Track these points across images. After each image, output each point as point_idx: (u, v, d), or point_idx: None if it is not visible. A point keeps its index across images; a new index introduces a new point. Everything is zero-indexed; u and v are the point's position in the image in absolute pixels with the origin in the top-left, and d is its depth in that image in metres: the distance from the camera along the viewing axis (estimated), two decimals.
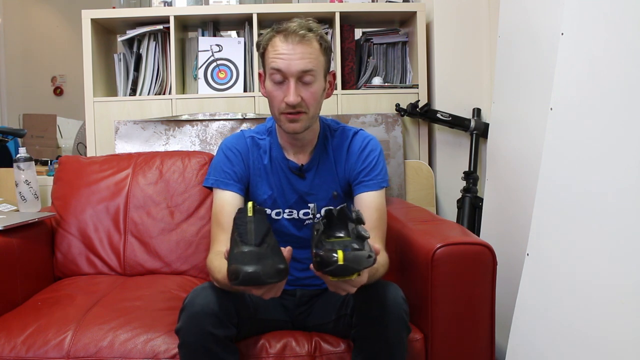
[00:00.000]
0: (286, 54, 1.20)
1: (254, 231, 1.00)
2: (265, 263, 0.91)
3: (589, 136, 1.28)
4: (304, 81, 1.22)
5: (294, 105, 1.21)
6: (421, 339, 1.28)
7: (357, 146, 1.35)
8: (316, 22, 1.25)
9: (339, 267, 0.89)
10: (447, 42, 2.29)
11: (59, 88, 5.41)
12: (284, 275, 0.94)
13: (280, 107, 1.23)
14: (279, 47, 1.21)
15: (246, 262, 0.91)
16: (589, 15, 1.29)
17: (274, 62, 1.21)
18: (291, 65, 1.20)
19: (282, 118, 1.25)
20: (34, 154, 2.46)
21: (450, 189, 2.28)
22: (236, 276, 0.90)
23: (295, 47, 1.20)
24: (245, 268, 0.90)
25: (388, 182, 1.36)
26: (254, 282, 0.90)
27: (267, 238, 1.01)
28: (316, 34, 1.23)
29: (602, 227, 1.23)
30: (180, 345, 1.12)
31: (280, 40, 1.21)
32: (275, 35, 1.23)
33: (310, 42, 1.21)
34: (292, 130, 1.26)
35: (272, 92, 1.24)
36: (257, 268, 0.89)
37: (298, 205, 1.35)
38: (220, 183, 1.31)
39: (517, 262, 1.47)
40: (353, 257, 0.90)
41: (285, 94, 1.21)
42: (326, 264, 0.90)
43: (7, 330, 1.28)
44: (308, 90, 1.23)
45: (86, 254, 1.74)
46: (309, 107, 1.24)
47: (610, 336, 1.19)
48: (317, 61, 1.23)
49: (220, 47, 2.28)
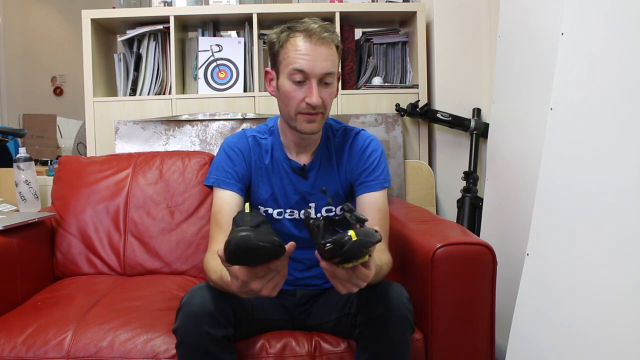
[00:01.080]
0: (310, 54, 1.19)
1: (250, 220, 1.01)
2: (259, 232, 0.91)
3: (589, 136, 1.28)
4: (324, 82, 1.22)
5: (316, 105, 1.21)
6: (421, 338, 1.28)
7: (359, 146, 1.35)
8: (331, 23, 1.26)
9: (354, 244, 0.89)
10: (447, 42, 2.29)
11: (59, 88, 5.41)
12: (278, 246, 0.91)
13: (299, 107, 1.23)
14: (301, 47, 1.20)
15: (239, 232, 0.90)
16: (589, 15, 1.29)
17: (297, 62, 1.20)
18: (315, 67, 1.20)
19: (299, 118, 1.24)
20: (34, 154, 2.46)
21: (450, 189, 2.28)
22: (228, 244, 0.89)
23: (318, 48, 1.20)
24: (237, 234, 0.89)
25: (390, 182, 1.36)
26: (246, 245, 0.89)
27: (263, 225, 1.01)
28: (335, 36, 1.24)
29: (602, 227, 1.23)
30: (177, 345, 1.12)
31: (303, 39, 1.20)
32: (296, 34, 1.22)
33: (330, 44, 1.22)
34: (309, 131, 1.26)
35: (290, 92, 1.23)
36: (248, 233, 0.89)
37: (299, 205, 1.35)
38: (221, 182, 1.31)
39: (517, 262, 1.47)
40: (364, 232, 0.90)
41: (306, 94, 1.21)
42: (341, 245, 0.89)
43: (7, 330, 1.28)
44: (327, 92, 1.24)
45: (86, 254, 1.74)
46: (327, 107, 1.25)
47: (610, 336, 1.19)
48: (336, 63, 1.24)
49: (220, 47, 2.28)
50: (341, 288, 0.98)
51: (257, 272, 0.94)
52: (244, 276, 0.95)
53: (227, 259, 0.91)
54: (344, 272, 0.95)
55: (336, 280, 0.98)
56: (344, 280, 0.97)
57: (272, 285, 0.97)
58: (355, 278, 0.97)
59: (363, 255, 0.93)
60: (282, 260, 0.94)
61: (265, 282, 0.96)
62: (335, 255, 0.91)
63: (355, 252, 0.91)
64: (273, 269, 0.95)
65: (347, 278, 0.96)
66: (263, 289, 0.96)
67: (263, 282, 0.96)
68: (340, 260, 0.93)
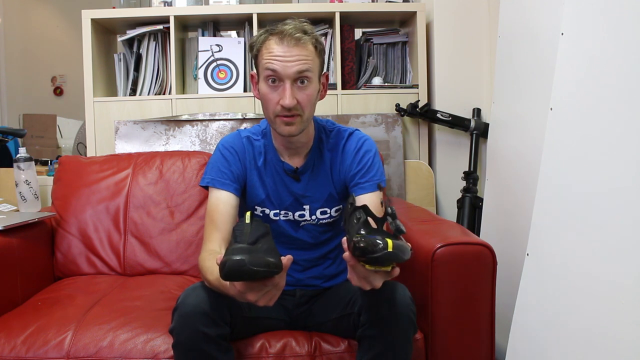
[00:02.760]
0: (282, 56, 1.19)
1: (249, 233, 1.01)
2: (254, 255, 0.91)
3: (589, 136, 1.28)
4: (299, 83, 1.21)
5: (290, 107, 1.20)
6: (421, 338, 1.28)
7: (352, 147, 1.35)
8: (310, 24, 1.25)
9: (387, 254, 0.89)
10: (447, 42, 2.29)
11: (59, 88, 5.40)
12: (273, 268, 0.92)
13: (275, 110, 1.23)
14: (274, 49, 1.20)
15: (234, 253, 0.91)
16: (589, 15, 1.29)
17: (270, 63, 1.20)
18: (287, 67, 1.19)
19: (277, 121, 1.24)
20: (34, 154, 2.46)
21: (450, 189, 2.28)
22: (223, 265, 0.90)
23: (291, 49, 1.19)
24: (232, 257, 0.90)
25: (385, 182, 1.35)
26: (239, 270, 0.89)
27: (262, 239, 1.01)
28: (311, 36, 1.22)
29: (602, 227, 1.23)
30: (174, 345, 1.12)
31: (276, 42, 1.20)
32: (270, 37, 1.22)
33: (305, 44, 1.21)
34: (287, 133, 1.25)
35: (266, 95, 1.23)
36: (243, 257, 0.89)
37: (293, 207, 1.35)
38: (217, 182, 1.30)
39: (517, 262, 1.47)
40: (400, 246, 0.90)
41: (280, 96, 1.21)
42: (372, 250, 0.89)
43: (7, 330, 1.28)
44: (303, 93, 1.22)
45: (86, 254, 1.74)
46: (304, 109, 1.23)
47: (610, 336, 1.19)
48: (313, 63, 1.22)
49: (220, 47, 2.28)
50: (355, 281, 0.99)
51: (253, 286, 0.96)
52: (240, 287, 0.97)
53: (222, 278, 0.93)
54: (364, 270, 0.95)
55: (353, 273, 0.98)
56: (361, 276, 0.97)
57: (268, 297, 0.99)
58: (373, 278, 0.97)
59: (389, 264, 0.93)
60: (278, 276, 0.96)
61: (261, 295, 0.98)
62: (364, 254, 0.91)
63: (383, 262, 0.91)
64: (270, 285, 0.97)
65: (365, 276, 0.97)
66: (259, 300, 0.98)
67: (259, 295, 0.98)
68: (365, 260, 0.93)
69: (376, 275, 0.97)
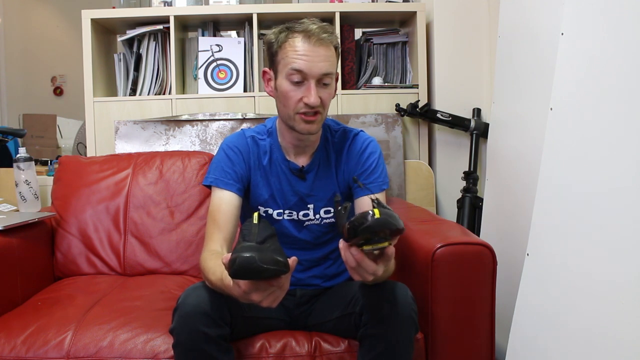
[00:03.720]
0: (309, 55, 1.20)
1: (257, 233, 1.01)
2: (264, 253, 0.92)
3: (589, 136, 1.28)
4: (323, 83, 1.23)
5: (314, 106, 1.21)
6: (421, 338, 1.28)
7: (357, 148, 1.35)
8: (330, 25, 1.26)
9: (376, 220, 0.89)
10: (447, 42, 2.29)
11: (59, 88, 5.40)
12: (281, 267, 0.92)
13: (297, 107, 1.23)
14: (300, 48, 1.20)
15: (244, 251, 0.91)
16: (589, 15, 1.29)
17: (295, 62, 1.20)
18: (313, 68, 1.20)
19: (297, 118, 1.24)
20: (34, 154, 2.46)
21: (450, 189, 2.28)
22: (233, 262, 0.90)
23: (317, 49, 1.20)
24: (242, 255, 0.90)
25: (388, 184, 1.36)
26: (249, 268, 0.90)
27: (270, 240, 1.01)
28: (334, 37, 1.24)
29: (602, 227, 1.23)
30: (174, 345, 1.12)
31: (302, 40, 1.21)
32: (295, 35, 1.22)
33: (329, 45, 1.22)
34: (307, 131, 1.25)
35: (289, 92, 1.23)
36: (253, 254, 0.90)
37: (298, 206, 1.35)
38: (220, 182, 1.30)
39: (517, 262, 1.47)
40: (389, 213, 0.91)
41: (304, 94, 1.21)
42: (362, 222, 0.90)
43: (7, 330, 1.28)
44: (326, 92, 1.24)
45: (86, 254, 1.74)
46: (325, 108, 1.25)
47: (610, 336, 1.19)
48: (334, 64, 1.24)
49: (220, 47, 2.28)
50: (357, 276, 0.99)
51: (259, 286, 0.96)
52: (245, 287, 0.96)
53: (231, 275, 0.92)
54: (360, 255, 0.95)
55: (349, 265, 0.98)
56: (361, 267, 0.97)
57: (272, 298, 0.98)
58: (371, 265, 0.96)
59: (383, 240, 0.93)
60: (285, 277, 0.96)
61: (266, 295, 0.97)
62: (357, 231, 0.91)
63: (375, 230, 0.90)
64: (275, 285, 0.96)
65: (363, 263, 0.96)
66: (263, 301, 0.98)
67: (264, 295, 0.97)
68: (361, 240, 0.93)
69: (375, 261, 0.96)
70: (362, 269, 0.97)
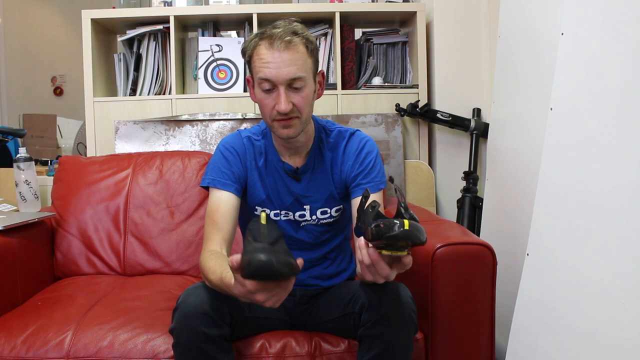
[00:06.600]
0: (273, 62, 1.17)
1: (267, 234, 1.01)
2: (278, 255, 0.92)
3: (589, 136, 1.28)
4: (294, 87, 1.20)
5: (285, 113, 1.20)
6: (421, 338, 1.28)
7: (354, 148, 1.34)
8: (300, 23, 1.23)
9: (404, 232, 0.91)
10: (447, 42, 2.29)
11: (59, 88, 5.40)
12: (294, 270, 0.93)
13: (272, 115, 1.22)
14: (264, 56, 1.18)
15: (259, 252, 0.91)
16: (589, 15, 1.29)
17: (262, 71, 1.19)
18: (279, 74, 1.18)
19: (274, 125, 1.24)
20: (34, 154, 2.46)
21: (450, 189, 2.28)
22: (249, 264, 0.90)
23: (281, 54, 1.17)
24: (258, 256, 0.90)
25: (386, 183, 1.35)
26: (267, 270, 0.90)
27: (279, 241, 1.01)
28: (302, 36, 1.20)
29: (602, 226, 1.23)
30: (174, 345, 1.12)
31: (266, 47, 1.19)
32: (260, 43, 1.20)
33: (296, 47, 1.19)
34: (286, 136, 1.24)
35: (262, 100, 1.23)
36: (270, 256, 0.90)
37: (294, 207, 1.35)
38: (217, 183, 1.30)
39: (517, 262, 1.47)
40: (417, 227, 0.92)
41: (275, 101, 1.20)
42: (389, 230, 0.91)
43: (7, 330, 1.28)
44: (299, 95, 1.21)
45: (86, 254, 1.74)
46: (302, 111, 1.22)
47: (610, 336, 1.19)
48: (305, 65, 1.21)
49: (220, 47, 2.28)
50: (366, 273, 1.01)
51: (267, 287, 0.95)
52: (252, 287, 0.95)
53: (245, 276, 0.92)
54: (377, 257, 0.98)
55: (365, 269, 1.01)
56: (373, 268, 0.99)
57: (276, 299, 0.98)
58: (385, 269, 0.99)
59: (404, 249, 0.95)
60: (292, 278, 0.96)
61: (271, 296, 0.97)
62: (381, 235, 0.93)
63: (400, 241, 0.92)
64: (283, 287, 0.96)
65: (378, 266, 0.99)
66: (267, 301, 0.97)
67: (269, 295, 0.97)
68: (384, 244, 0.94)
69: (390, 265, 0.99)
70: (376, 270, 1.00)
